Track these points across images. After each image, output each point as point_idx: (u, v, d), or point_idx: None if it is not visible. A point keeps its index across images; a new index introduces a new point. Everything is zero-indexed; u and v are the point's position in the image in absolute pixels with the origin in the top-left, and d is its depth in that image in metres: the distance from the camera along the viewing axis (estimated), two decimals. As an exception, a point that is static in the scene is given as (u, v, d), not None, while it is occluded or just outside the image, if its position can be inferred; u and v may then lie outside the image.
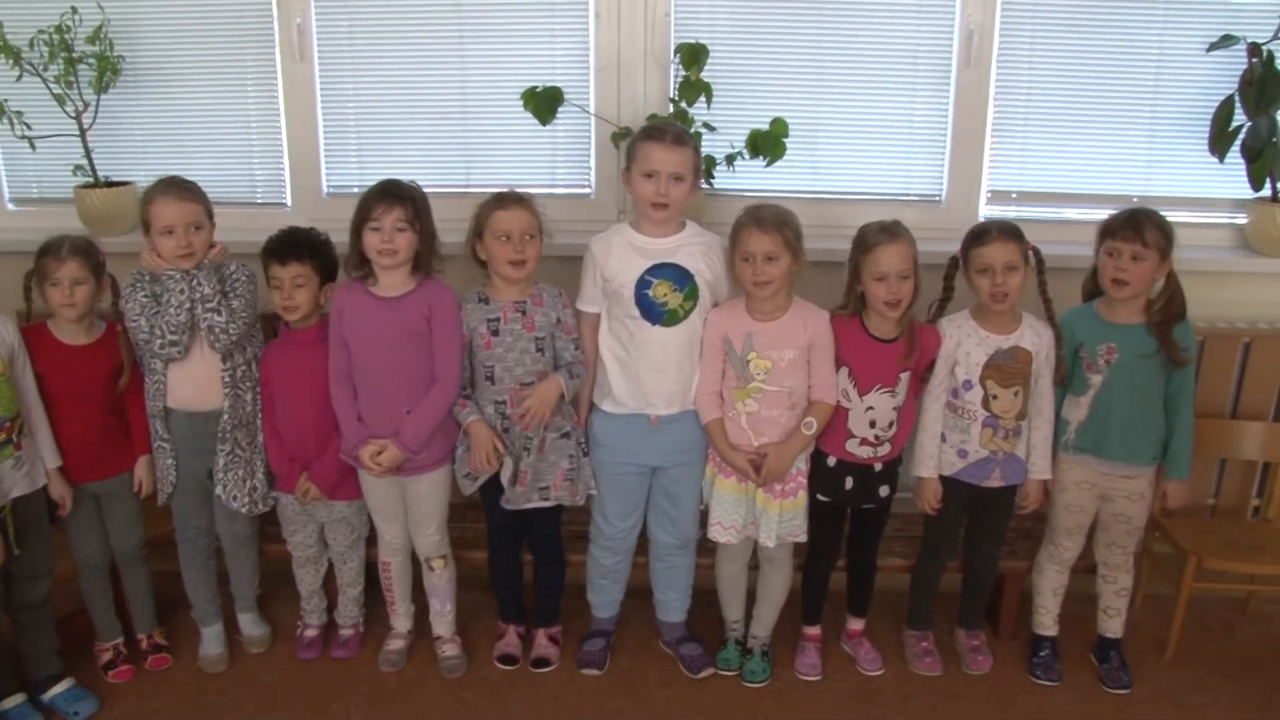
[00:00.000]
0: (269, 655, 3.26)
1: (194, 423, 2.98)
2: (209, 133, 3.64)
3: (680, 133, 2.86)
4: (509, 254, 2.85)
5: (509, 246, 2.84)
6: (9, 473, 2.80)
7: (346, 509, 3.12)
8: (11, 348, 2.82)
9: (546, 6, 3.45)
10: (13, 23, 3.40)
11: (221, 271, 2.93)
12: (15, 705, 2.94)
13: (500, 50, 3.48)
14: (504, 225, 2.84)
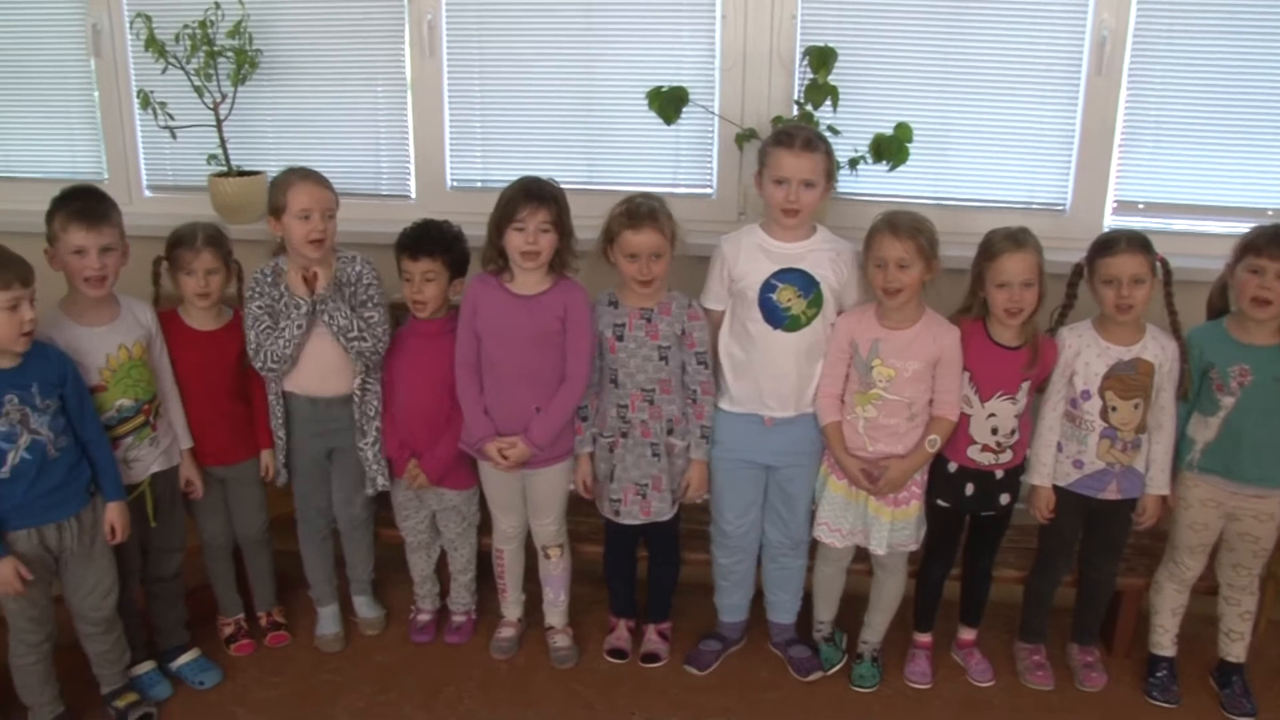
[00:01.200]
0: (383, 638, 3.33)
1: (315, 407, 3.06)
2: (338, 125, 3.74)
3: (810, 138, 2.85)
4: (634, 272, 2.88)
5: (635, 265, 2.87)
6: (147, 450, 2.91)
7: (457, 497, 3.17)
8: (150, 332, 2.92)
9: (674, 6, 3.47)
10: (161, 18, 3.52)
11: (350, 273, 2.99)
12: (146, 672, 3.06)
13: (626, 49, 3.51)
14: (632, 246, 2.86)
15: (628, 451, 2.99)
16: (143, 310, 2.93)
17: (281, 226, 2.92)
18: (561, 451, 3.02)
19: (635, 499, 3.01)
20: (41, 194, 3.77)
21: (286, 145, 3.76)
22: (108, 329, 2.82)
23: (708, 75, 3.48)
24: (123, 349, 2.82)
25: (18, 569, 2.57)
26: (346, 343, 2.94)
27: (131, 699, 2.95)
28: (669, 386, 2.95)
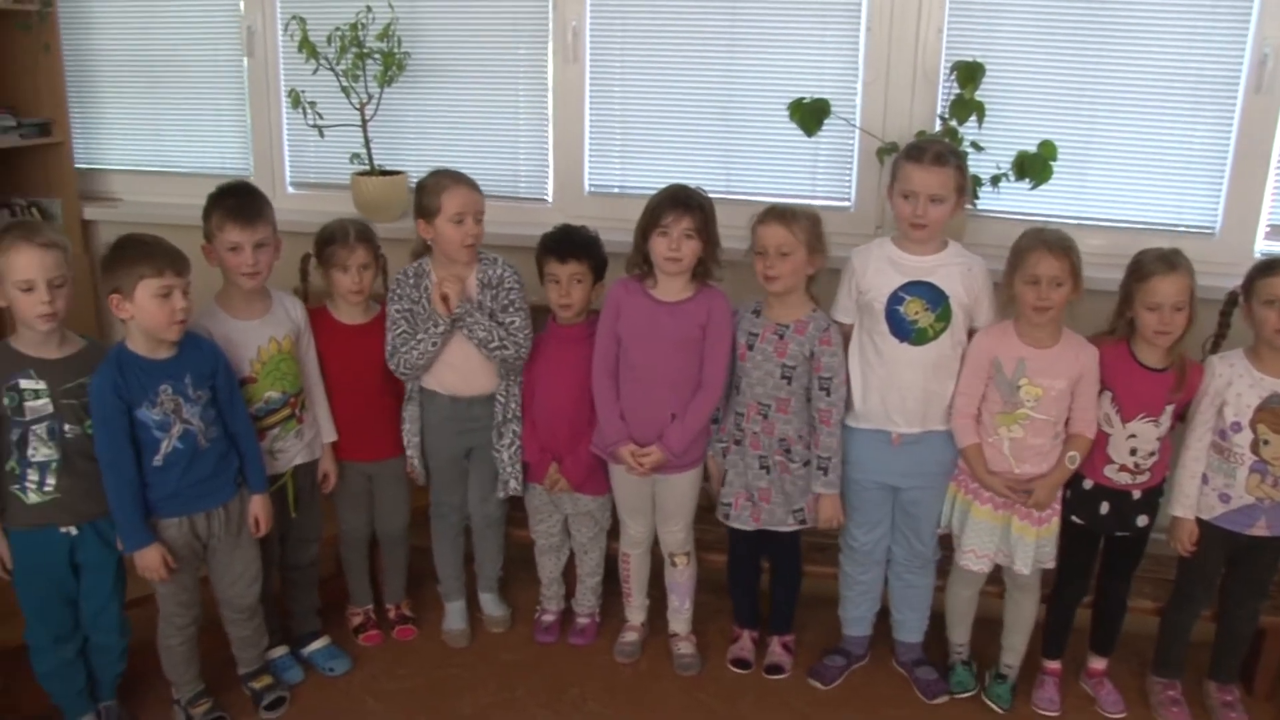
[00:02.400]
0: (508, 636, 3.37)
1: (456, 406, 3.10)
2: (479, 128, 3.81)
3: (940, 152, 2.82)
4: (761, 269, 2.88)
5: (762, 262, 2.87)
6: (292, 442, 2.99)
7: (592, 503, 3.20)
8: (299, 327, 3.00)
9: (818, 17, 3.46)
10: (312, 19, 3.62)
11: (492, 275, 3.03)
12: (279, 656, 3.14)
13: (768, 59, 3.51)
14: (758, 241, 2.87)
15: (739, 458, 3.00)
16: (294, 305, 3.01)
17: (432, 230, 2.97)
18: (693, 459, 3.03)
19: (746, 504, 3.01)
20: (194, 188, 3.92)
21: (428, 146, 3.84)
22: (259, 322, 2.90)
23: (849, 87, 3.46)
24: (273, 342, 2.90)
25: (165, 557, 2.65)
26: (489, 352, 2.98)
27: (267, 681, 3.03)
28: (787, 406, 2.93)
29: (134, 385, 2.59)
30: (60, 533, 2.63)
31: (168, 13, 4.04)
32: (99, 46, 4.15)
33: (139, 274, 2.56)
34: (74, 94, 4.10)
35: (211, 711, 2.91)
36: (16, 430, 2.55)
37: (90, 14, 4.11)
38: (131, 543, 2.63)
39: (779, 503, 2.97)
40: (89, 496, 2.63)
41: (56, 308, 2.53)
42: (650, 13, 3.57)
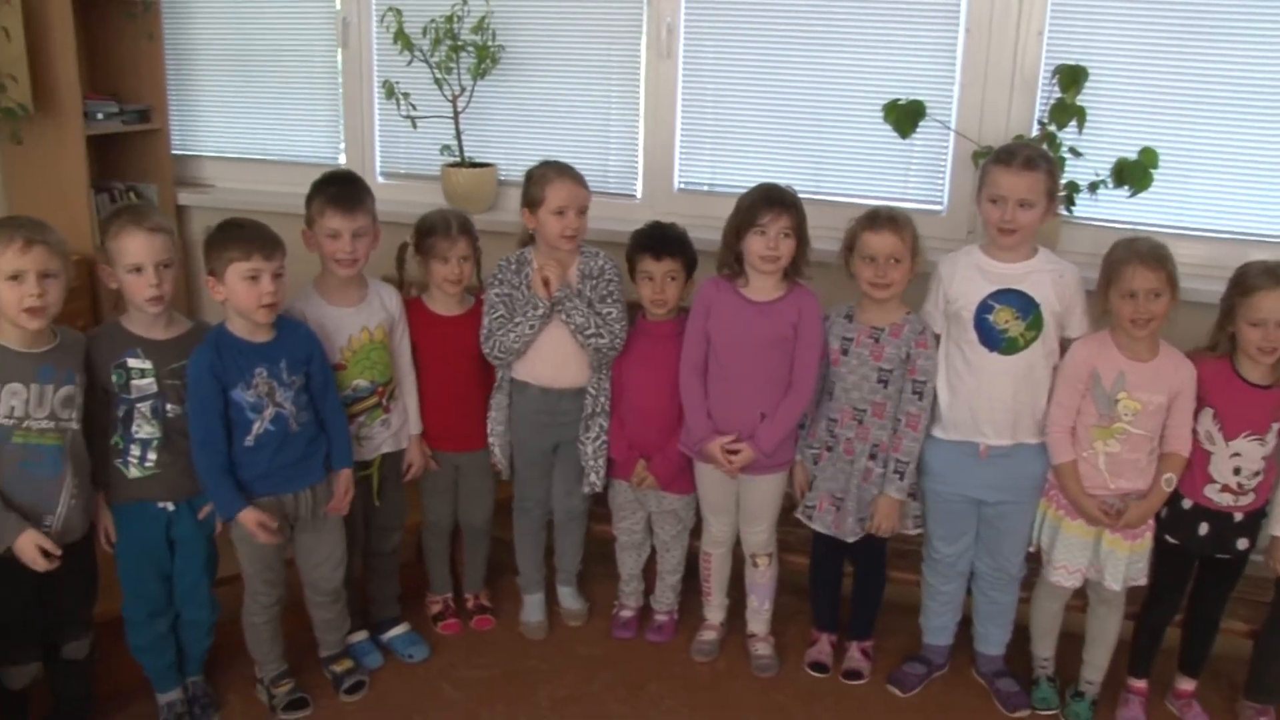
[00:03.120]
0: (585, 630, 3.37)
1: (546, 398, 3.10)
2: (570, 122, 3.82)
3: (1031, 156, 2.77)
4: (871, 275, 2.85)
5: (872, 269, 2.84)
6: (379, 431, 3.01)
7: (677, 501, 3.19)
8: (393, 317, 3.02)
9: (916, 18, 3.42)
10: (409, 12, 3.65)
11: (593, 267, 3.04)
12: (359, 641, 3.17)
13: (864, 59, 3.48)
14: (870, 248, 2.83)
15: (829, 464, 2.97)
16: (390, 295, 3.04)
17: (536, 220, 2.98)
18: (780, 461, 3.01)
19: (829, 509, 2.98)
20: (285, 176, 4.02)
21: (518, 139, 3.86)
22: (354, 310, 2.93)
23: (945, 89, 3.42)
24: (365, 331, 2.93)
25: (262, 519, 2.67)
26: (584, 339, 2.99)
27: (347, 665, 3.06)
28: (882, 411, 2.90)
29: (230, 366, 2.63)
30: (158, 508, 2.68)
31: (265, 4, 4.12)
32: (198, 36, 4.23)
33: (229, 257, 2.61)
34: (172, 82, 4.19)
35: (293, 692, 2.95)
36: (122, 407, 2.61)
37: (191, 4, 4.19)
38: (227, 510, 2.66)
39: (852, 510, 2.95)
40: (187, 474, 2.68)
41: (164, 290, 2.58)
42: (745, 10, 3.55)
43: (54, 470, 2.48)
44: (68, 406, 2.48)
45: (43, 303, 2.39)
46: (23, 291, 2.37)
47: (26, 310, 2.39)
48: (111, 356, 2.59)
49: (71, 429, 2.50)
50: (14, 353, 2.43)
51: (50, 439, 2.47)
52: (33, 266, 2.37)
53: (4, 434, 2.40)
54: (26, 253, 2.36)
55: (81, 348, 2.56)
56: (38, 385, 2.44)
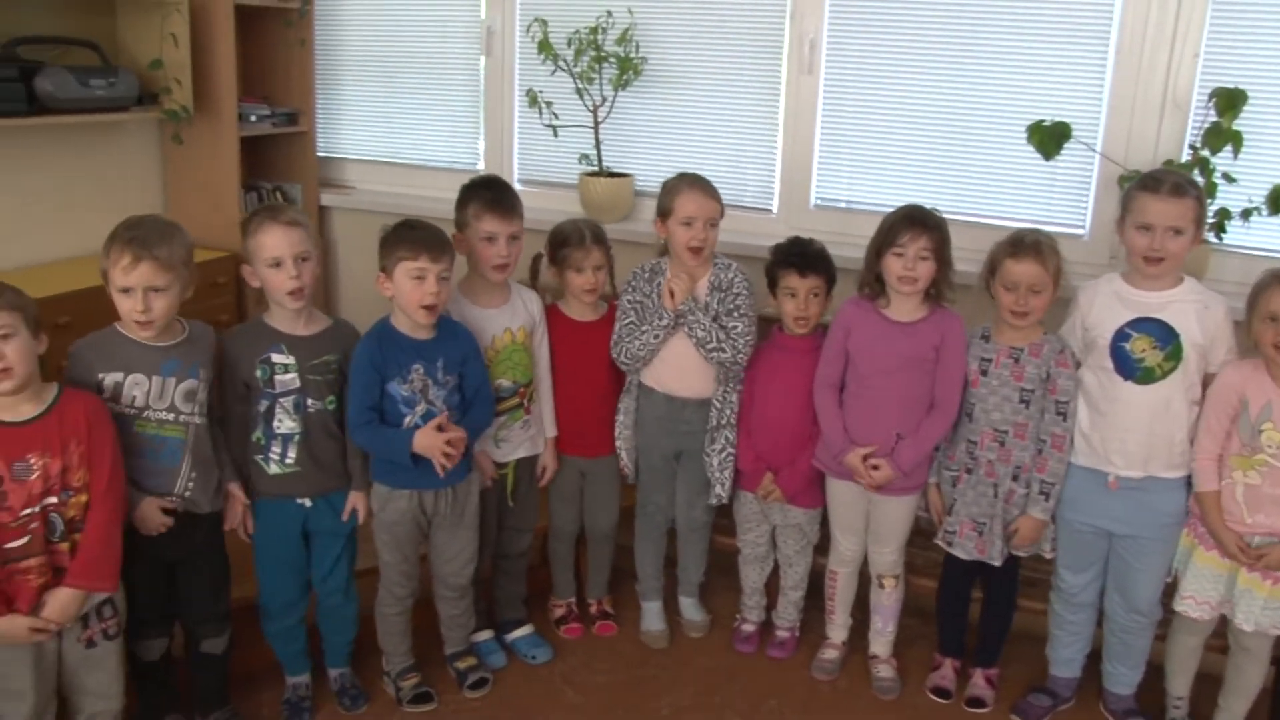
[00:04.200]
0: (706, 641, 3.38)
1: (672, 406, 3.13)
2: (708, 134, 3.85)
3: (1179, 183, 2.70)
4: (1011, 303, 2.81)
5: (1012, 296, 2.80)
6: (517, 433, 3.07)
7: (802, 516, 3.18)
8: (534, 320, 3.07)
9: (1065, 38, 3.36)
10: (556, 22, 3.72)
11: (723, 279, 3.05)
12: (485, 640, 3.23)
13: (1009, 79, 3.43)
14: (1012, 275, 2.79)
15: (969, 488, 2.92)
16: (532, 299, 3.09)
17: (666, 229, 3.02)
18: (913, 483, 2.98)
19: (971, 534, 2.93)
20: (423, 180, 4.13)
21: (656, 150, 3.90)
22: (497, 312, 2.99)
23: (1092, 111, 3.35)
24: (508, 332, 2.99)
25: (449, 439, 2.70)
26: (706, 353, 3.01)
27: (471, 662, 3.11)
28: (1024, 432, 2.85)
29: (390, 358, 2.71)
30: (296, 504, 2.77)
31: (412, 12, 4.23)
32: (346, 42, 4.37)
33: (399, 255, 2.69)
34: (319, 86, 4.33)
35: (418, 686, 3.01)
36: (265, 402, 2.69)
37: (341, 12, 4.33)
38: (404, 447, 2.70)
39: (998, 533, 2.90)
40: (325, 471, 2.76)
41: (303, 282, 2.66)
42: (889, 28, 3.53)
43: (173, 461, 2.56)
44: (189, 400, 2.56)
45: (147, 317, 2.47)
46: (131, 305, 2.46)
47: (136, 322, 2.48)
48: (256, 352, 2.68)
49: (194, 423, 2.58)
50: (138, 345, 2.52)
51: (170, 430, 2.55)
52: (139, 283, 2.45)
53: (128, 423, 2.50)
54: (132, 270, 2.44)
55: (210, 343, 2.64)
56: (159, 378, 2.52)
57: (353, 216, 4.32)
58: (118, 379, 2.49)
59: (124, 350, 2.51)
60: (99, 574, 2.39)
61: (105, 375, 2.48)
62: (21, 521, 2.30)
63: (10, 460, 2.28)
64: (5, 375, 2.25)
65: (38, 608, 2.33)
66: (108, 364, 2.49)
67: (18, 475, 2.28)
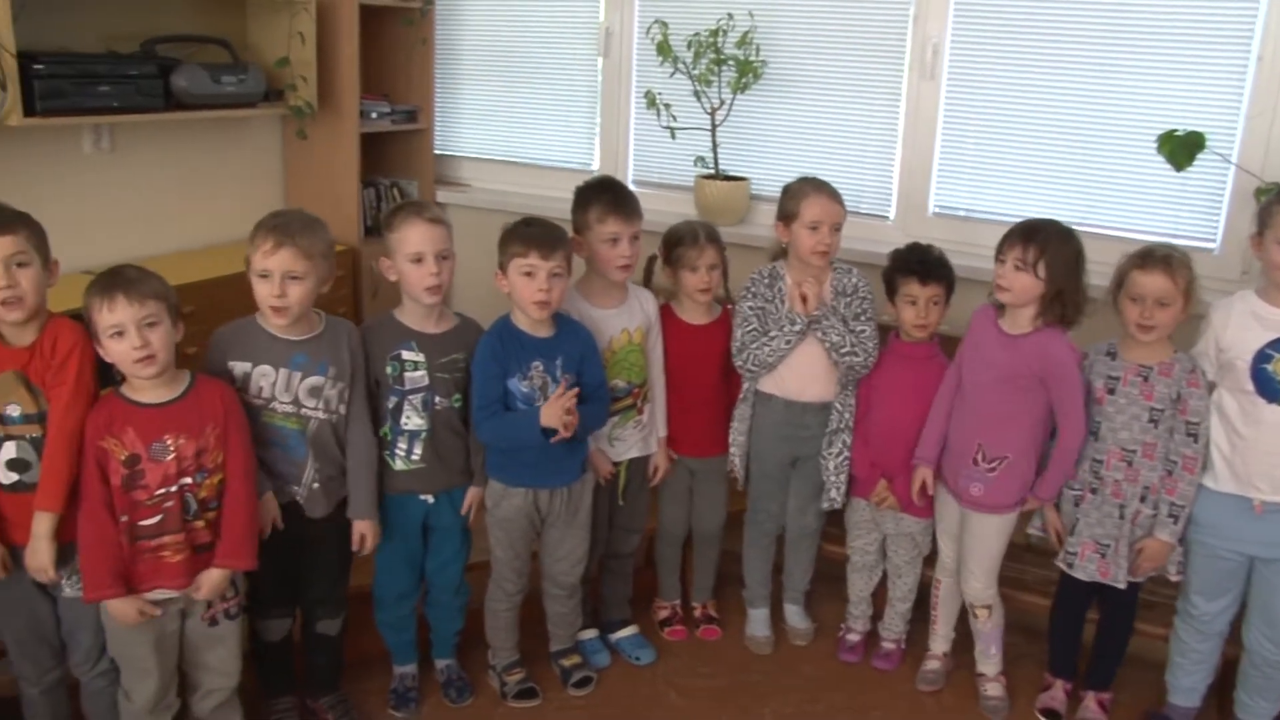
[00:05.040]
0: (810, 649, 3.35)
1: (790, 411, 3.11)
2: (826, 139, 3.82)
3: None
4: (1137, 317, 2.73)
5: (1138, 310, 2.72)
6: (630, 433, 3.07)
7: (915, 525, 3.13)
8: (650, 321, 3.08)
9: (1201, 44, 3.26)
10: (675, 24, 3.72)
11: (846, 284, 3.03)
12: (589, 639, 3.24)
13: (1140, 86, 3.34)
14: (1138, 288, 2.72)
15: (1094, 508, 2.85)
16: (648, 300, 3.10)
17: (789, 233, 3.00)
18: (1005, 502, 2.91)
19: (1093, 555, 2.86)
20: (537, 179, 4.18)
21: (773, 154, 3.89)
22: (615, 312, 3.00)
23: (1229, 121, 3.25)
24: (625, 333, 3.00)
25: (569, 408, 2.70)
26: (839, 357, 2.98)
27: (575, 661, 3.13)
28: (1152, 452, 2.77)
29: (511, 355, 2.74)
30: (419, 500, 2.81)
31: (531, 13, 4.28)
32: (465, 41, 4.43)
33: (511, 252, 2.72)
34: (438, 85, 4.38)
35: (524, 681, 3.03)
36: (394, 398, 2.73)
37: (461, 11, 4.39)
38: (533, 424, 2.71)
39: (1124, 555, 2.82)
40: (448, 468, 2.81)
41: (442, 279, 2.69)
42: (1016, 32, 3.47)
43: (297, 453, 2.62)
44: (314, 396, 2.61)
45: (283, 303, 2.52)
46: (268, 290, 2.51)
47: (271, 308, 2.53)
48: (386, 349, 2.72)
49: (317, 417, 2.62)
50: (270, 336, 2.58)
51: (292, 424, 2.61)
52: (278, 268, 2.50)
53: (255, 413, 2.56)
54: (272, 255, 2.49)
55: (344, 341, 2.67)
56: (286, 371, 2.58)
57: (467, 214, 4.37)
58: (246, 369, 2.56)
59: (256, 341, 2.57)
60: (243, 553, 2.48)
61: (235, 364, 2.56)
62: (157, 500, 2.38)
63: (148, 441, 2.36)
64: (149, 361, 2.32)
65: (192, 589, 2.44)
66: (239, 353, 2.56)
67: (155, 455, 2.36)
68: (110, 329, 2.30)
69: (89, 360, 2.39)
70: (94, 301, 2.31)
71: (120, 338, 2.30)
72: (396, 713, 2.95)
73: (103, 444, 2.34)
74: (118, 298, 2.29)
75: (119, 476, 2.35)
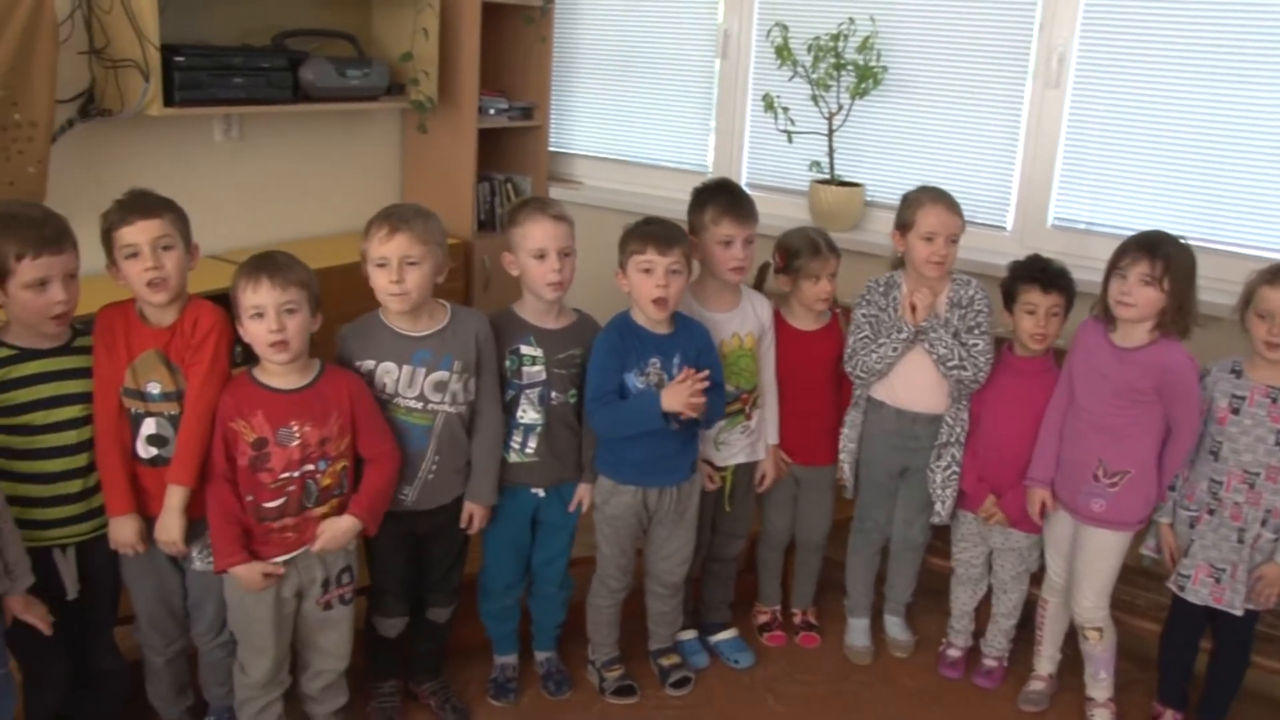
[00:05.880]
0: (910, 662, 3.32)
1: (900, 420, 3.08)
2: (943, 147, 3.78)
3: None
4: (1266, 334, 2.65)
5: (1266, 326, 2.65)
6: (737, 439, 3.07)
7: (1023, 541, 3.08)
8: (764, 326, 3.07)
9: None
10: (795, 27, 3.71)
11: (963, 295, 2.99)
12: (689, 639, 3.25)
13: (1270, 98, 3.24)
14: (1268, 303, 2.64)
15: (1210, 530, 2.78)
16: (762, 305, 3.09)
17: (905, 243, 2.98)
18: (1127, 519, 2.85)
19: (1207, 580, 2.78)
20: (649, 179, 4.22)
21: (889, 161, 3.85)
22: (727, 316, 3.00)
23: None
24: (735, 337, 2.99)
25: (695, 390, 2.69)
26: (946, 370, 2.95)
27: (675, 660, 3.14)
28: (1277, 475, 2.69)
29: (629, 351, 2.76)
30: (530, 493, 2.85)
31: (649, 13, 4.30)
32: (583, 40, 4.47)
33: (630, 250, 2.75)
34: (554, 82, 4.42)
35: (623, 678, 3.05)
36: (510, 392, 2.77)
37: (580, 10, 4.42)
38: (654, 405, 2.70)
39: (1241, 580, 2.75)
40: (561, 463, 2.84)
41: (564, 276, 2.72)
42: (1145, 42, 3.39)
43: (419, 446, 2.66)
44: (439, 391, 2.65)
45: (401, 289, 2.55)
46: (387, 277, 2.55)
47: (390, 295, 2.57)
48: (506, 343, 2.76)
49: (444, 411, 2.66)
50: (393, 333, 2.63)
51: (417, 418, 2.65)
52: (394, 253, 2.54)
53: (381, 407, 2.61)
54: (389, 241, 2.54)
55: (472, 335, 2.70)
56: (409, 367, 2.62)
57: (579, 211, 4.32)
58: (369, 366, 2.61)
59: (379, 338, 2.63)
60: (375, 515, 2.56)
61: (360, 362, 2.61)
62: (280, 483, 2.45)
63: (276, 426, 2.43)
64: (282, 346, 2.39)
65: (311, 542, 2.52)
66: (364, 351, 2.62)
67: (281, 440, 2.43)
68: (252, 309, 2.38)
69: (226, 342, 2.47)
70: (240, 282, 2.40)
71: (259, 319, 2.37)
72: (495, 702, 2.99)
73: (233, 425, 2.42)
74: (263, 281, 2.36)
75: (246, 458, 2.43)
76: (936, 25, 3.70)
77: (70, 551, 2.45)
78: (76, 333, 2.45)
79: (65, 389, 2.40)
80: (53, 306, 2.31)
